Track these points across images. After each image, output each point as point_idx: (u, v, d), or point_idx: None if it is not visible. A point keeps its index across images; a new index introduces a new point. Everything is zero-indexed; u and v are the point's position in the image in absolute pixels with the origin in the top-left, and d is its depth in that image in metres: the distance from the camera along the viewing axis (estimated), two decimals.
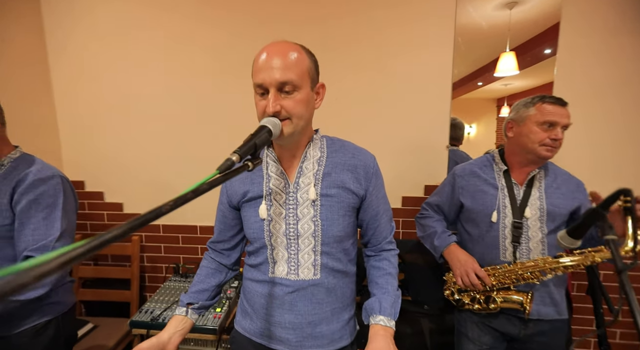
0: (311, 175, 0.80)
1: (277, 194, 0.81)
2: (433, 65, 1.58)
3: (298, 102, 0.71)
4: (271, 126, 0.67)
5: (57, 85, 1.75)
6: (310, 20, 1.59)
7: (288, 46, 0.72)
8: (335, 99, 1.63)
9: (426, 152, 1.65)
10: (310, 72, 0.74)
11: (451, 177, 1.25)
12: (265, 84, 0.69)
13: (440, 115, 1.62)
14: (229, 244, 0.93)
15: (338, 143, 0.86)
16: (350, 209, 0.83)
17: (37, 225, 0.96)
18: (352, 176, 0.81)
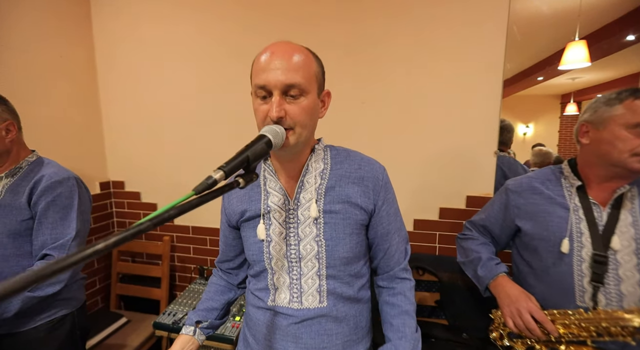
0: (313, 190, 0.72)
1: (276, 212, 0.73)
2: (480, 59, 1.37)
3: (304, 109, 0.63)
4: (272, 136, 0.58)
5: (103, 94, 1.86)
6: (338, 20, 1.48)
7: (294, 47, 0.64)
8: (363, 102, 1.50)
9: (469, 159, 1.45)
10: (318, 77, 0.66)
11: (503, 193, 1.03)
12: (269, 86, 0.61)
13: (488, 116, 1.40)
14: (233, 263, 0.88)
15: (343, 153, 0.77)
16: (357, 226, 0.73)
17: (54, 225, 1.01)
18: (359, 189, 0.72)
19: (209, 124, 1.72)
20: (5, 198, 0.99)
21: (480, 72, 1.38)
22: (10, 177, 1.02)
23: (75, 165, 1.73)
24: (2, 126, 0.98)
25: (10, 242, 0.98)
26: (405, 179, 1.52)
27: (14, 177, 1.02)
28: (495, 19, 1.33)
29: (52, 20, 1.58)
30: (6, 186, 1.00)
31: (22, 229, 1.00)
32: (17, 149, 1.04)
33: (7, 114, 1.01)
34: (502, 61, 1.35)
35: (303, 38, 1.52)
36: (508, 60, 1.35)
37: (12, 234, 0.98)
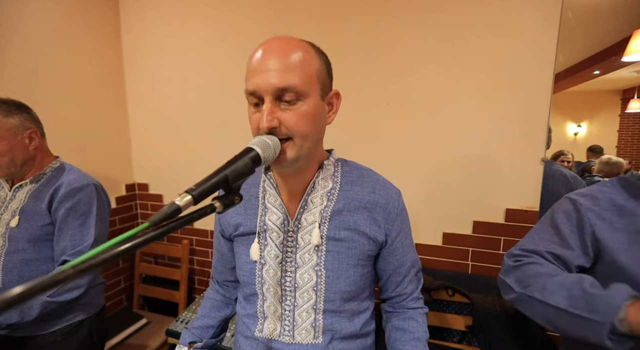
0: (317, 212, 0.62)
1: (273, 232, 0.65)
2: (526, 51, 1.18)
3: (303, 116, 0.53)
4: (260, 149, 0.50)
5: (130, 99, 1.91)
6: (360, 17, 1.36)
7: (291, 42, 0.54)
8: (387, 103, 1.37)
9: (511, 166, 1.27)
10: (321, 76, 0.56)
11: (570, 210, 0.72)
12: (259, 91, 0.53)
13: (535, 117, 1.21)
14: (230, 276, 0.80)
15: (356, 172, 0.67)
16: (364, 257, 0.63)
17: (74, 231, 1.01)
18: (370, 217, 0.63)
19: (231, 127, 1.69)
20: (29, 203, 1.01)
21: (525, 67, 1.19)
22: (34, 183, 1.04)
23: (103, 167, 1.79)
24: (25, 134, 1.00)
25: (30, 246, 1.00)
26: (433, 186, 1.37)
27: (37, 183, 1.04)
28: (545, 4, 1.14)
29: (82, 27, 1.63)
30: (30, 192, 1.02)
31: (43, 234, 1.01)
32: (41, 155, 1.06)
33: (30, 123, 1.02)
34: (553, 53, 1.15)
35: (325, 37, 1.43)
36: (560, 52, 1.15)
37: (33, 239, 1.00)
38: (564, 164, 2.16)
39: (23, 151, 0.99)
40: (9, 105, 0.99)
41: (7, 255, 0.98)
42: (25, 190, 1.03)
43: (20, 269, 0.99)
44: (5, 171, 0.98)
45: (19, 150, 0.98)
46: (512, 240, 1.30)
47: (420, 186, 1.38)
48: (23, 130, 0.99)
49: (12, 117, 0.97)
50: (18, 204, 1.01)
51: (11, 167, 0.98)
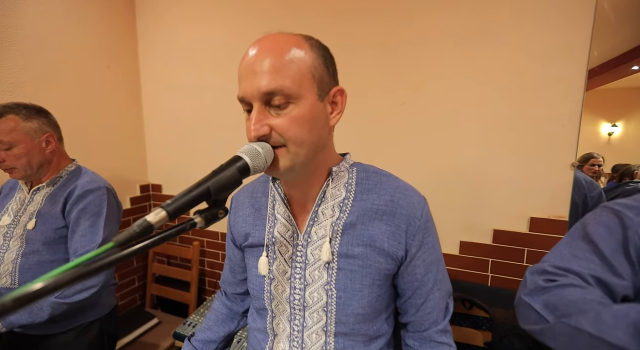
0: (328, 225, 0.57)
1: (282, 245, 0.60)
2: (557, 46, 1.08)
3: (295, 121, 0.48)
4: (249, 158, 0.46)
5: (146, 102, 1.93)
6: (375, 17, 1.30)
7: (279, 39, 0.49)
8: (402, 104, 1.30)
9: (537, 171, 1.17)
10: (317, 73, 0.50)
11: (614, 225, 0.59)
12: (248, 98, 0.49)
13: (564, 117, 1.11)
14: (240, 288, 0.76)
15: (374, 178, 0.60)
16: (381, 276, 0.56)
17: (84, 233, 1.03)
18: (388, 230, 0.56)
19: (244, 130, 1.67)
20: (45, 207, 1.04)
21: (555, 64, 1.09)
22: (51, 187, 1.06)
23: (119, 168, 1.82)
24: (42, 138, 1.02)
25: (45, 249, 1.02)
26: (451, 192, 1.28)
27: (54, 186, 1.06)
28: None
29: (100, 33, 1.67)
30: (47, 195, 1.05)
31: (57, 237, 1.03)
32: (58, 159, 1.08)
33: (48, 127, 1.05)
34: (587, 47, 1.04)
35: (340, 35, 1.38)
36: (595, 46, 1.05)
37: (48, 242, 1.02)
38: (594, 169, 1.98)
39: (40, 154, 1.01)
40: (30, 109, 1.01)
41: (24, 256, 1.00)
42: (42, 193, 1.05)
43: (35, 271, 1.01)
44: (22, 173, 1.00)
45: (36, 153, 1.00)
46: (536, 252, 1.20)
47: (436, 191, 1.30)
48: (41, 134, 1.01)
49: (32, 121, 1.00)
50: (36, 207, 1.04)
51: (27, 170, 1.00)
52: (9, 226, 1.02)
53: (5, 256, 0.99)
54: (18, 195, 1.07)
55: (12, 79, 1.36)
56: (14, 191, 1.10)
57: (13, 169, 0.98)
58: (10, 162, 0.97)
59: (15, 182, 1.11)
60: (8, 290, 0.99)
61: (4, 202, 1.08)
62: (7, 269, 0.98)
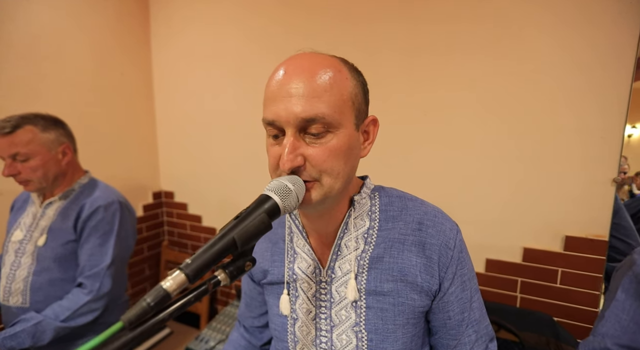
0: (352, 258, 0.51)
1: (304, 282, 0.55)
2: (602, 52, 1.00)
3: (332, 152, 0.43)
4: (279, 197, 0.40)
5: (158, 108, 1.91)
6: (397, 19, 1.23)
7: (318, 60, 0.44)
8: (424, 113, 1.23)
9: (573, 185, 1.08)
10: (356, 101, 0.45)
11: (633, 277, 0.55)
12: (279, 122, 0.43)
13: (605, 125, 1.02)
14: (258, 321, 0.71)
15: (398, 204, 0.54)
16: (416, 314, 0.51)
17: (93, 251, 0.99)
18: (419, 261, 0.50)
19: (257, 136, 1.62)
20: (56, 221, 1.01)
21: (594, 72, 1.01)
22: (63, 200, 1.03)
23: (131, 175, 1.80)
24: (59, 149, 1.00)
25: (56, 266, 0.99)
26: (476, 205, 1.21)
27: (66, 199, 1.03)
28: None
29: (115, 38, 1.64)
30: (59, 209, 1.02)
31: (68, 253, 1.00)
32: (72, 171, 1.06)
33: (65, 138, 1.02)
34: (633, 55, 0.96)
35: (357, 39, 1.29)
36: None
37: (59, 259, 0.99)
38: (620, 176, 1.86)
39: (56, 166, 0.99)
40: (47, 120, 0.99)
41: (35, 274, 0.97)
42: (54, 207, 1.02)
43: (46, 289, 0.98)
44: (36, 185, 0.97)
45: (53, 165, 0.97)
46: (571, 273, 1.11)
47: (461, 204, 1.23)
48: (57, 145, 0.99)
49: (49, 132, 0.97)
50: (47, 221, 1.01)
51: (42, 182, 0.97)
52: (21, 242, 0.99)
53: (16, 273, 0.96)
54: (30, 208, 1.04)
55: (27, 88, 1.34)
56: (26, 204, 1.07)
57: (28, 181, 0.95)
58: (25, 174, 0.94)
59: (28, 195, 1.08)
60: (19, 309, 0.96)
61: (16, 216, 1.06)
62: (18, 287, 0.96)
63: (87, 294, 0.96)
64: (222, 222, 1.81)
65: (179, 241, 1.97)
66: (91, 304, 0.96)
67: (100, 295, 0.98)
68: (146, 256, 1.90)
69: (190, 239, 1.93)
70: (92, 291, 0.96)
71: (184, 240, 1.95)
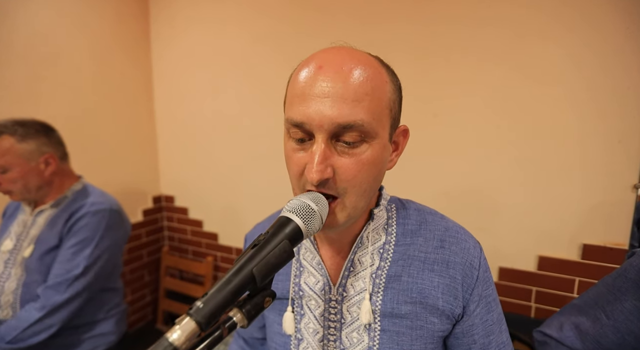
0: (367, 276, 0.47)
1: (311, 299, 0.50)
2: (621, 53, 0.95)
3: (365, 165, 0.38)
4: (301, 220, 0.35)
5: (158, 110, 1.86)
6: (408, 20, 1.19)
7: (356, 57, 0.38)
8: (435, 115, 1.19)
9: (590, 192, 1.03)
10: (394, 108, 0.41)
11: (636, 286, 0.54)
12: (310, 125, 0.37)
13: (623, 133, 0.98)
14: (258, 333, 0.66)
15: (416, 217, 0.50)
16: (435, 339, 0.46)
17: (65, 258, 0.93)
18: (441, 282, 0.46)
19: (260, 139, 1.58)
20: (45, 231, 0.96)
21: (611, 73, 0.96)
22: (55, 208, 0.98)
23: (131, 179, 1.76)
24: (40, 160, 0.94)
25: (42, 279, 0.93)
26: (489, 213, 1.16)
27: (58, 207, 0.98)
28: None
29: (114, 39, 1.60)
30: (49, 218, 0.97)
31: (51, 262, 0.94)
32: (60, 179, 1.00)
33: (48, 147, 0.97)
34: None
35: (368, 39, 1.24)
36: None
37: (44, 271, 0.94)
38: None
39: (38, 177, 0.93)
40: (28, 128, 0.93)
41: (24, 286, 0.92)
42: (45, 215, 0.98)
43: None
44: (19, 196, 0.93)
45: (33, 176, 0.92)
46: (589, 282, 1.06)
47: (471, 210, 1.18)
48: (38, 155, 0.93)
49: (27, 142, 0.92)
50: (37, 230, 0.96)
51: (25, 193, 0.93)
52: (11, 252, 0.94)
53: (5, 285, 0.92)
54: (21, 216, 1.00)
55: (25, 90, 1.30)
56: (17, 211, 1.02)
57: (10, 191, 0.91)
58: (6, 185, 0.90)
59: (19, 202, 1.04)
60: None
61: (7, 223, 1.01)
62: (7, 300, 0.91)
63: (39, 310, 0.86)
64: (224, 226, 1.77)
65: (180, 246, 1.93)
66: (45, 320, 0.86)
67: (54, 308, 0.87)
68: (145, 262, 1.86)
69: (191, 244, 1.88)
70: (44, 306, 0.86)
71: (185, 245, 1.90)
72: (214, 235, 1.78)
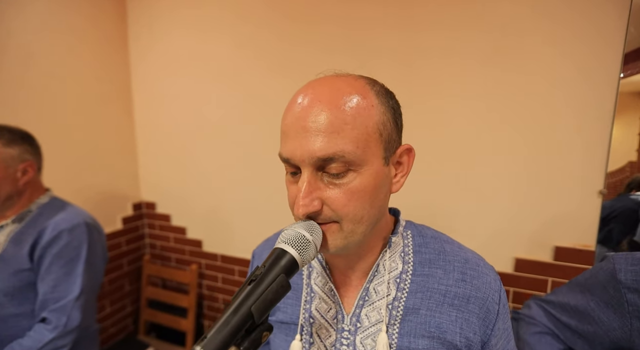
0: (383, 306, 0.46)
1: (322, 328, 0.48)
2: (588, 67, 1.03)
3: (354, 194, 0.38)
4: (296, 251, 0.36)
5: (138, 115, 1.81)
6: (391, 26, 1.22)
7: (341, 86, 0.39)
8: (416, 120, 1.22)
9: (560, 197, 1.11)
10: (385, 131, 0.40)
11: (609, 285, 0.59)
12: (294, 161, 0.38)
13: (590, 143, 1.05)
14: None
15: (433, 245, 0.49)
16: None
17: (58, 281, 0.89)
18: (460, 317, 0.44)
19: (244, 144, 1.56)
20: (7, 250, 0.89)
21: (582, 86, 1.03)
22: (17, 223, 0.92)
23: (109, 186, 1.69)
24: (19, 167, 0.90)
25: (7, 301, 0.88)
26: (469, 218, 1.22)
27: (20, 223, 0.92)
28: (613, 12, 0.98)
29: (89, 42, 1.54)
30: (11, 234, 0.91)
31: (23, 285, 0.89)
32: (30, 191, 0.95)
33: (29, 155, 0.92)
34: (617, 71, 0.99)
35: (351, 45, 1.26)
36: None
37: (11, 292, 0.88)
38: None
39: (11, 184, 0.88)
40: (14, 134, 0.89)
41: None
42: (6, 232, 0.91)
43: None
44: None
45: (7, 183, 0.87)
46: (561, 282, 1.14)
47: (454, 216, 1.23)
48: (19, 162, 0.89)
49: (12, 147, 0.88)
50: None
51: None
52: None
53: None
54: None
55: None
56: None
57: None
58: None
59: None
60: None
61: None
62: None
63: (52, 331, 0.85)
64: (208, 233, 1.74)
65: (162, 254, 1.88)
66: (57, 341, 0.85)
67: (68, 330, 0.87)
68: (126, 271, 1.79)
69: (174, 252, 1.84)
70: (57, 327, 0.86)
71: (168, 253, 1.86)
72: (198, 242, 1.75)
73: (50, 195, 1.00)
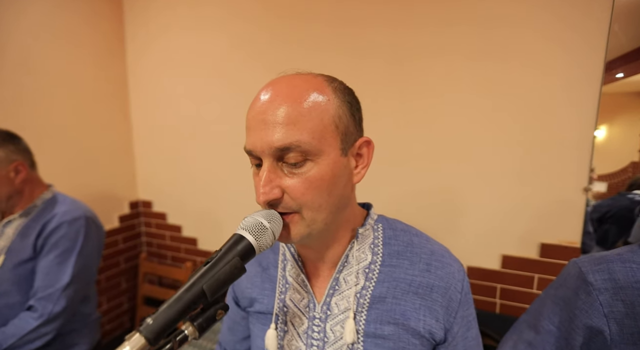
0: (351, 295, 0.48)
1: (295, 316, 0.51)
2: (572, 67, 1.05)
3: (312, 183, 0.41)
4: (253, 236, 0.38)
5: (134, 114, 1.83)
6: (382, 24, 1.24)
7: (299, 82, 0.42)
8: (403, 119, 1.25)
9: (546, 194, 1.13)
10: (341, 123, 0.42)
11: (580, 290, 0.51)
12: (256, 152, 0.41)
13: (574, 141, 1.07)
14: (241, 345, 0.67)
15: (402, 238, 0.52)
16: None
17: (49, 270, 0.93)
18: (424, 305, 0.47)
19: (239, 144, 1.59)
20: (15, 242, 0.94)
21: (567, 85, 1.05)
22: (24, 217, 0.96)
23: (106, 185, 1.72)
24: (10, 168, 0.93)
25: (15, 289, 0.92)
26: (457, 215, 1.24)
27: (27, 217, 0.96)
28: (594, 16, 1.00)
29: (85, 41, 1.57)
30: (19, 228, 0.95)
31: (28, 274, 0.93)
32: (30, 187, 0.99)
33: (17, 154, 0.95)
34: (600, 70, 1.01)
35: (342, 44, 1.28)
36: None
37: (18, 281, 0.92)
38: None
39: (8, 185, 0.92)
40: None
41: None
42: (14, 225, 0.95)
43: (5, 314, 0.91)
44: None
45: (4, 184, 0.91)
46: (547, 279, 1.16)
47: (442, 213, 1.25)
48: (7, 163, 0.92)
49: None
50: (6, 241, 0.94)
51: None
52: None
53: None
54: None
55: None
56: None
57: None
58: None
59: None
60: None
61: None
62: None
63: (36, 319, 0.88)
64: (203, 231, 1.76)
65: (158, 252, 1.90)
66: (41, 329, 0.89)
67: (51, 317, 0.90)
68: (123, 269, 1.82)
69: (170, 249, 1.86)
70: (42, 315, 0.89)
71: (164, 251, 1.88)
72: (193, 240, 1.78)
73: (53, 191, 1.04)
